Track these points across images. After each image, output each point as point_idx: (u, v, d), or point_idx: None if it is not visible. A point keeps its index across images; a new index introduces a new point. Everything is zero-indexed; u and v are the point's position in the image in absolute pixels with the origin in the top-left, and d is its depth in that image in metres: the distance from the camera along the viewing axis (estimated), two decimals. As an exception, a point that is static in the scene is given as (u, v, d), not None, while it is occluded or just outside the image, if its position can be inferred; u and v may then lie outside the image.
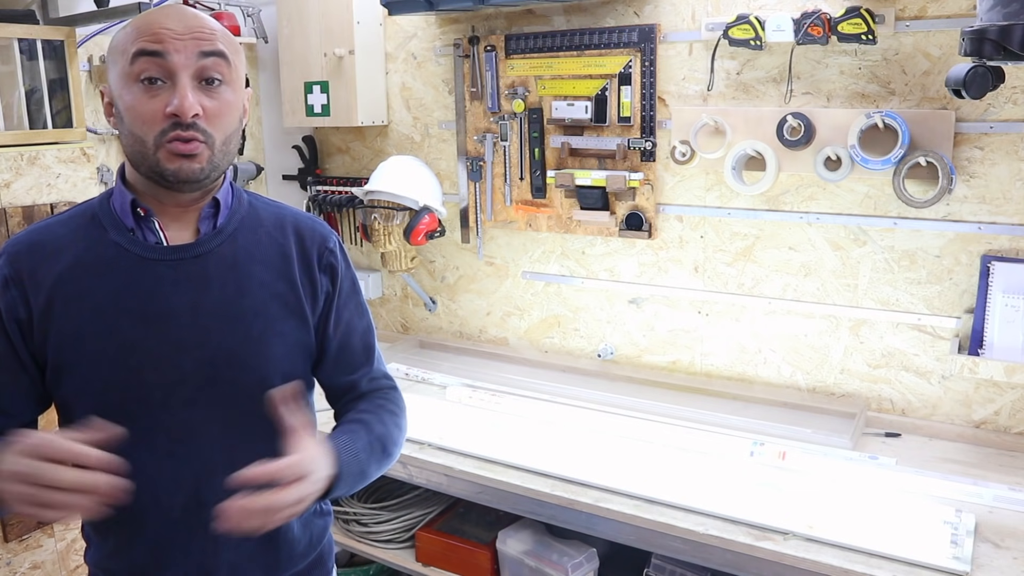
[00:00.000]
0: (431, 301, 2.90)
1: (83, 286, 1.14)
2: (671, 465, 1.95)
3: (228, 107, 1.14)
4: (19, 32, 2.14)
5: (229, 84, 1.15)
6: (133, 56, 1.09)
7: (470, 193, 2.68)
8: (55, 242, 1.17)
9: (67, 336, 1.13)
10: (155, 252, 1.17)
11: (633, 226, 2.39)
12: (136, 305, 1.15)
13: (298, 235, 1.28)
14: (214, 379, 1.17)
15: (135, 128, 1.11)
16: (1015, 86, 1.87)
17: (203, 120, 1.11)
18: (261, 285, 1.22)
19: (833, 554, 1.56)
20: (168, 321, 1.15)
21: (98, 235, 1.17)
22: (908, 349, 2.12)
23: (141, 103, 1.09)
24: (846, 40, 1.95)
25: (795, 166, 2.12)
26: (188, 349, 1.16)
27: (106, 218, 1.18)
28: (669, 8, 2.26)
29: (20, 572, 2.10)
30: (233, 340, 1.18)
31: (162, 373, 1.15)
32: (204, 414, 1.17)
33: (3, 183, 2.07)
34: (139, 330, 1.14)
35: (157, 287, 1.16)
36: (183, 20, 1.12)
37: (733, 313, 2.34)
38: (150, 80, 1.09)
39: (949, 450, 2.00)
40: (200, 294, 1.17)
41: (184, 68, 1.09)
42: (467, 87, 2.60)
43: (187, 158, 1.11)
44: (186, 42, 1.10)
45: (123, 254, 1.16)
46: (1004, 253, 1.96)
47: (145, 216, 1.17)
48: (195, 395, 1.16)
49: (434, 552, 2.23)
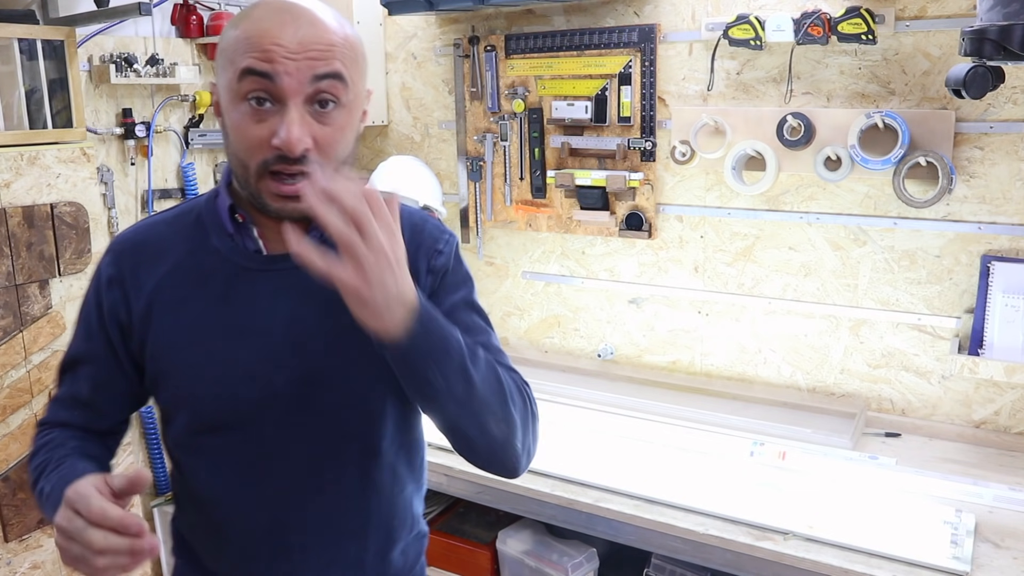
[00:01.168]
0: (431, 301, 2.89)
1: (181, 294, 1.10)
2: (671, 465, 1.95)
3: (342, 132, 1.03)
4: (19, 32, 2.14)
5: (345, 106, 1.02)
6: (241, 73, 0.98)
7: (470, 193, 2.68)
8: (159, 243, 1.13)
9: (162, 345, 1.10)
10: (254, 261, 1.10)
11: (633, 226, 2.39)
12: (232, 317, 1.09)
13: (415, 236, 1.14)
14: (307, 398, 1.09)
15: (239, 151, 1.02)
16: (1015, 86, 1.87)
17: (315, 151, 1.00)
18: None
19: (833, 554, 1.56)
20: (264, 336, 1.08)
21: (200, 239, 1.12)
22: (908, 349, 2.12)
23: (247, 125, 1.00)
24: (846, 40, 1.95)
25: (795, 166, 2.12)
26: (282, 366, 1.08)
27: (210, 220, 1.12)
28: (669, 8, 2.26)
29: (20, 572, 2.10)
30: (330, 359, 1.09)
31: (254, 389, 1.08)
32: (294, 433, 1.10)
33: (3, 183, 2.07)
34: (234, 344, 1.08)
35: (255, 299, 1.09)
36: (298, 31, 0.98)
37: (733, 313, 2.34)
38: (259, 100, 0.99)
39: (949, 450, 2.00)
40: (299, 307, 1.09)
41: (295, 94, 0.98)
42: (467, 87, 2.60)
43: (290, 199, 1.00)
44: (299, 63, 0.97)
45: (223, 262, 1.10)
46: (1004, 253, 1.96)
47: (244, 223, 1.11)
48: (286, 414, 1.09)
49: (434, 552, 2.21)
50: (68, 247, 2.21)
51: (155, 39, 2.58)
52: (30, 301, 2.14)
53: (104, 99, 2.49)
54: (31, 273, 2.14)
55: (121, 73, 2.44)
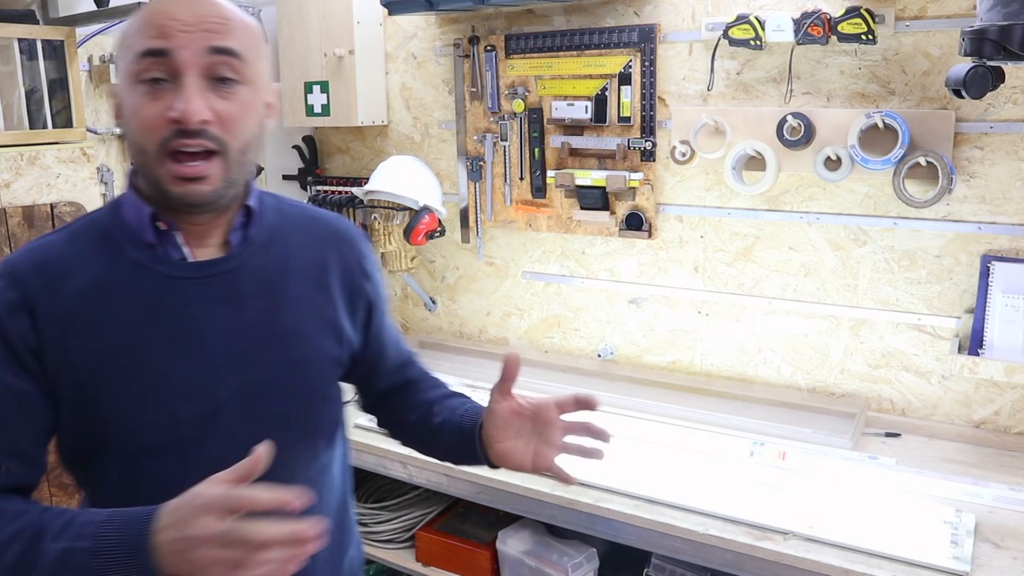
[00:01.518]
0: (431, 301, 2.90)
1: (102, 313, 1.00)
2: (671, 465, 1.95)
3: (245, 110, 1.00)
4: (19, 32, 2.14)
5: (247, 83, 1.00)
6: (138, 56, 0.96)
7: (470, 193, 2.68)
8: (62, 262, 1.02)
9: (86, 369, 0.99)
10: (182, 269, 1.04)
11: (633, 226, 2.39)
12: (164, 330, 1.01)
13: (335, 241, 1.17)
14: (252, 408, 1.05)
15: (137, 136, 0.98)
16: (1015, 86, 1.87)
17: (215, 126, 0.97)
18: (298, 300, 1.10)
19: (833, 554, 1.56)
20: (200, 346, 1.03)
21: (113, 254, 1.03)
22: (908, 349, 2.12)
23: (143, 106, 0.96)
24: (846, 40, 1.95)
25: (795, 166, 2.12)
26: (223, 376, 1.03)
27: (120, 233, 1.04)
28: (669, 8, 2.26)
29: (20, 572, 2.10)
30: (272, 363, 1.07)
31: (196, 404, 1.02)
32: (242, 448, 0.97)
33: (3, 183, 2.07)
34: (169, 357, 1.01)
35: (186, 308, 1.03)
36: (192, 6, 0.97)
37: (733, 313, 2.34)
38: (154, 80, 0.96)
39: (949, 450, 2.00)
40: (234, 314, 1.05)
41: (190, 65, 0.95)
42: (467, 87, 2.60)
43: (193, 181, 0.97)
44: (194, 34, 0.96)
45: (146, 274, 1.02)
46: (1004, 253, 1.96)
47: (167, 230, 1.04)
48: (232, 429, 1.03)
49: (434, 552, 2.23)
50: (68, 247, 2.20)
51: (155, 39, 2.58)
52: (30, 301, 2.14)
53: (104, 99, 2.49)
54: (31, 273, 2.13)
55: (121, 73, 2.44)
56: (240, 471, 0.86)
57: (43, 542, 0.89)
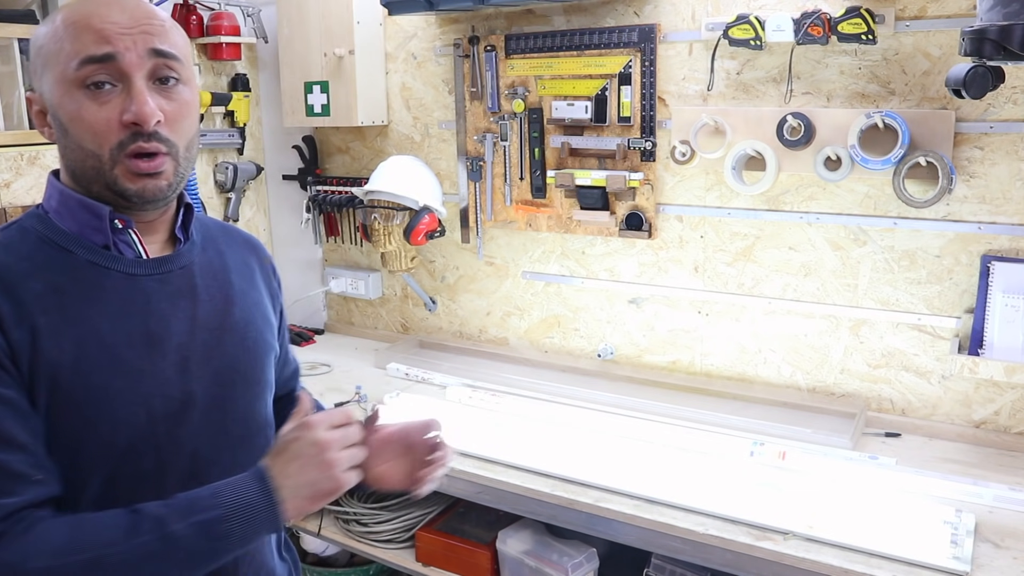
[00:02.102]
0: (431, 301, 2.90)
1: (67, 314, 0.98)
2: (671, 465, 1.95)
3: (188, 108, 1.02)
4: (19, 32, 2.14)
5: (186, 83, 1.02)
6: (79, 63, 0.95)
7: (470, 193, 2.68)
8: (12, 268, 0.98)
9: (59, 372, 0.96)
10: (140, 267, 1.05)
11: (633, 226, 2.39)
12: (133, 327, 1.02)
13: (250, 246, 1.25)
14: (221, 400, 1.09)
15: (85, 141, 0.97)
16: (1015, 86, 1.87)
17: (164, 127, 0.98)
18: (243, 294, 1.16)
19: (833, 554, 1.56)
20: (169, 340, 1.04)
21: (63, 258, 1.01)
22: (908, 349, 2.12)
23: (89, 112, 0.95)
24: (846, 40, 1.95)
25: (795, 166, 2.12)
26: (193, 369, 1.06)
27: (62, 239, 1.02)
28: (669, 8, 2.26)
29: (20, 572, 2.10)
30: (232, 354, 1.11)
31: (170, 399, 1.03)
32: (214, 443, 1.08)
33: (3, 183, 2.07)
34: (141, 354, 1.02)
35: (152, 305, 1.04)
36: (124, 10, 0.97)
37: (733, 313, 2.34)
38: (96, 84, 0.96)
39: (949, 450, 2.00)
40: (193, 308, 1.08)
41: (137, 68, 0.96)
42: (467, 87, 2.60)
43: (151, 177, 0.99)
44: (135, 36, 0.96)
45: (105, 274, 1.02)
46: (1004, 253, 1.96)
47: (123, 228, 1.04)
48: (201, 422, 1.06)
49: (434, 552, 2.22)
50: (68, 247, 2.20)
51: (155, 39, 2.58)
52: (30, 301, 2.14)
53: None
54: (31, 273, 2.13)
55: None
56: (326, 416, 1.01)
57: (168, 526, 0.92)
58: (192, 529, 0.92)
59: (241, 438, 1.11)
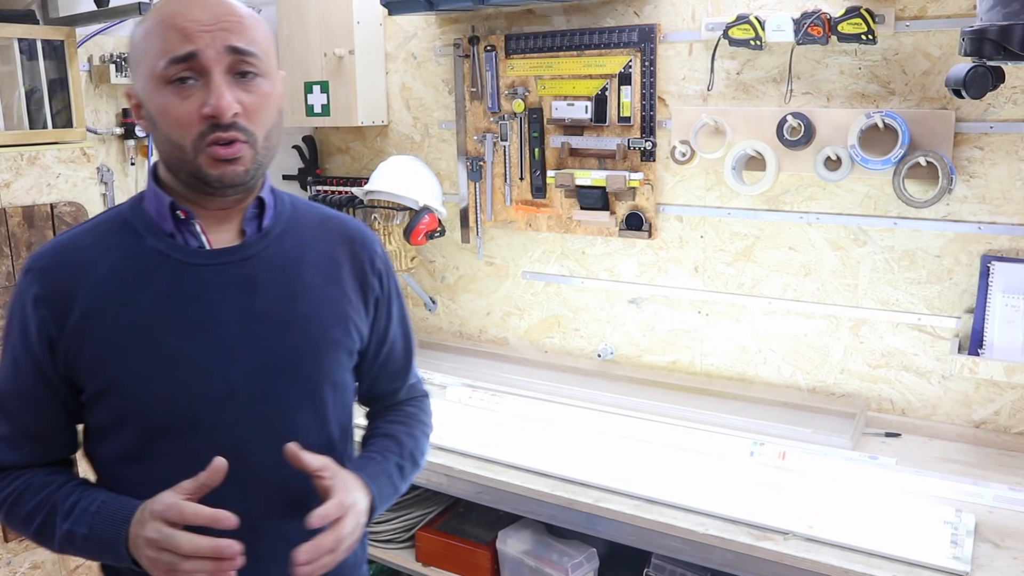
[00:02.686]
0: (431, 301, 2.90)
1: (122, 297, 1.06)
2: (671, 465, 1.95)
3: (266, 100, 1.08)
4: (19, 32, 2.14)
5: (265, 75, 1.08)
6: (166, 62, 1.02)
7: (470, 193, 2.68)
8: (85, 253, 1.09)
9: (106, 353, 1.05)
10: (199, 256, 1.10)
11: (633, 226, 2.39)
12: (181, 313, 1.07)
13: (347, 239, 1.24)
14: (266, 391, 1.10)
15: (171, 133, 1.04)
16: (1015, 86, 1.87)
17: (242, 118, 1.04)
18: (312, 289, 1.16)
19: (833, 554, 1.56)
20: (216, 329, 1.08)
21: (133, 242, 1.09)
22: (908, 349, 2.12)
23: (174, 106, 1.03)
24: (846, 40, 1.95)
25: (795, 166, 2.12)
26: (238, 359, 1.09)
27: (141, 224, 1.11)
28: (669, 8, 2.26)
29: (20, 572, 2.10)
30: (286, 347, 1.12)
31: (211, 386, 1.07)
32: (255, 431, 1.10)
33: (3, 183, 2.07)
34: (186, 340, 1.07)
35: (203, 293, 1.08)
36: (207, 7, 1.04)
37: (733, 313, 2.34)
38: (180, 80, 1.02)
39: (949, 450, 2.00)
40: (249, 299, 1.11)
41: (216, 63, 1.02)
42: (467, 87, 2.60)
43: (229, 162, 1.04)
44: (215, 33, 1.02)
45: (164, 261, 1.08)
46: (1004, 253, 1.96)
47: (186, 219, 1.10)
48: (245, 411, 1.09)
49: (434, 552, 2.23)
50: (68, 247, 2.20)
51: (155, 39, 2.58)
52: (30, 301, 2.14)
53: (104, 99, 2.50)
54: (31, 273, 2.13)
55: (121, 73, 2.44)
56: (199, 482, 1.00)
57: (55, 518, 1.06)
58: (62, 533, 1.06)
59: (289, 430, 1.11)
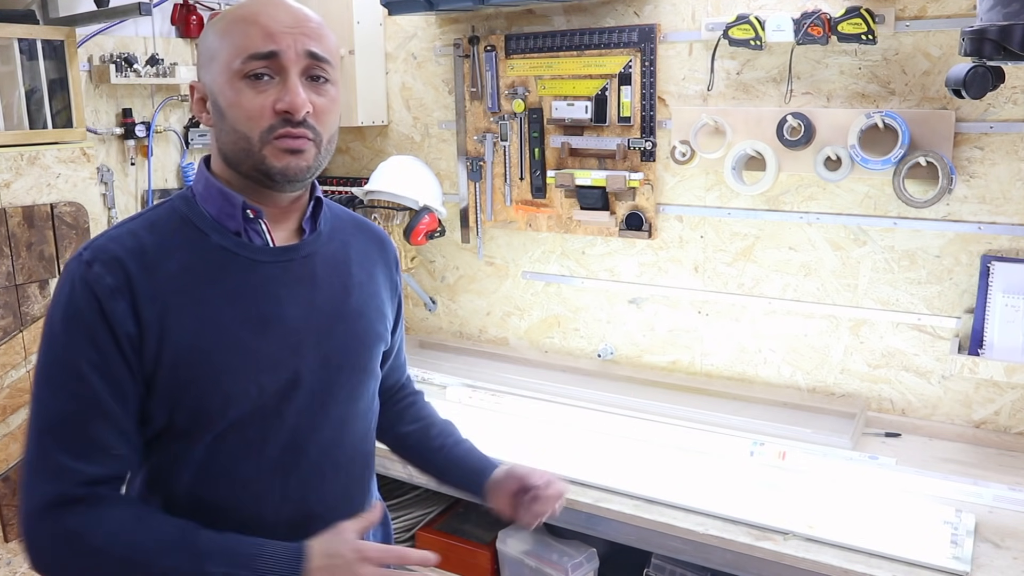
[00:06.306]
0: (431, 301, 2.90)
1: (196, 295, 1.07)
2: (671, 465, 1.95)
3: (333, 104, 1.13)
4: (19, 32, 2.14)
5: (333, 82, 1.12)
6: (246, 57, 1.05)
7: (470, 193, 2.68)
8: (154, 248, 1.08)
9: (182, 348, 1.05)
10: (265, 254, 1.13)
11: (633, 226, 2.39)
12: (253, 310, 1.10)
13: (376, 240, 1.31)
14: (327, 383, 1.16)
15: (239, 124, 1.07)
16: (1015, 86, 1.87)
17: (312, 118, 1.08)
18: (360, 285, 1.23)
19: (833, 554, 1.56)
20: (282, 324, 1.12)
21: (200, 240, 1.11)
22: (908, 349, 2.12)
23: (247, 99, 1.06)
24: (846, 40, 1.95)
25: (795, 166, 2.12)
26: (303, 352, 1.13)
27: (202, 221, 1.12)
28: (669, 8, 2.26)
29: (20, 572, 2.10)
30: (342, 341, 1.18)
31: (280, 377, 1.11)
32: (314, 421, 1.15)
33: (3, 183, 2.07)
34: (258, 335, 1.10)
35: (270, 290, 1.12)
36: (289, 11, 1.09)
37: (733, 313, 2.34)
38: (257, 76, 1.06)
39: (949, 450, 2.00)
40: (311, 295, 1.16)
41: (294, 64, 1.07)
42: (467, 87, 2.60)
43: (294, 154, 1.08)
44: (296, 36, 1.07)
45: (232, 259, 1.11)
46: (1004, 253, 1.96)
47: (254, 218, 1.13)
48: (306, 402, 1.13)
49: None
50: (68, 247, 2.21)
51: (155, 39, 2.59)
52: (30, 301, 2.15)
53: (104, 99, 2.50)
54: (31, 273, 2.14)
55: (121, 73, 2.44)
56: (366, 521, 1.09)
57: (205, 564, 1.00)
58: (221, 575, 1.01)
59: (341, 419, 1.19)
